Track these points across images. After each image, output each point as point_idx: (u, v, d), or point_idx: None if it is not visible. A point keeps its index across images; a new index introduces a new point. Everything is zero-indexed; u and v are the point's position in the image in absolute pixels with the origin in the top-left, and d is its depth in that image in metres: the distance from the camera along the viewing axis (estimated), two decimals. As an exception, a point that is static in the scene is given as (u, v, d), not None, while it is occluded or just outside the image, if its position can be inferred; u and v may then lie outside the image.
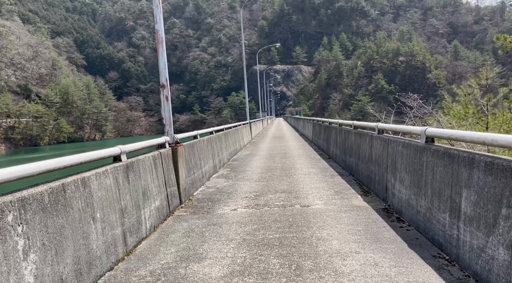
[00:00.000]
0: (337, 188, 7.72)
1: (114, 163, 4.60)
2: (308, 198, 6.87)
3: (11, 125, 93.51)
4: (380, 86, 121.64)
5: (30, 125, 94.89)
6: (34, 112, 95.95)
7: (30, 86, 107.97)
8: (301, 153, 15.06)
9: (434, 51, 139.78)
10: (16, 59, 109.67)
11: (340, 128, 11.07)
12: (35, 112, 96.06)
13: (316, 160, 12.41)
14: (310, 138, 21.42)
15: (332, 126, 12.87)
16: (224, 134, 13.31)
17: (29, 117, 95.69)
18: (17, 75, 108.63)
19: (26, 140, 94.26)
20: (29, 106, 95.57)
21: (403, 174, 5.19)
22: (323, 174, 9.52)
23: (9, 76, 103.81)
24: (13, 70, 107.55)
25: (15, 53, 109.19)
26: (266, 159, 13.55)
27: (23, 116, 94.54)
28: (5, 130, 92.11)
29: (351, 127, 9.44)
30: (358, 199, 6.64)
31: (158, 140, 6.45)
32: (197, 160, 8.70)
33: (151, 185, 5.51)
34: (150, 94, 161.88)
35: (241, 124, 19.85)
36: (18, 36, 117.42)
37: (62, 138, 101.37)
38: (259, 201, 6.84)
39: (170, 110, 7.06)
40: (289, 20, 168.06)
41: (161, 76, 6.94)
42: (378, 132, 6.87)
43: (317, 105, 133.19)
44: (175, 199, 6.66)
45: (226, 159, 12.99)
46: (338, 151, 11.16)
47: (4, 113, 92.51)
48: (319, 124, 17.18)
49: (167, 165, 6.46)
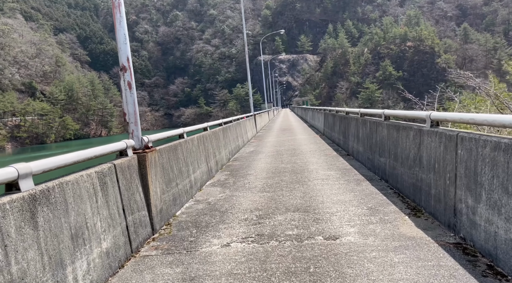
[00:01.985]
0: (370, 201, 5.67)
1: (2, 197, 2.61)
2: (333, 222, 4.84)
3: (17, 123, 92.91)
4: (388, 73, 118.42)
5: (35, 123, 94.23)
6: (39, 110, 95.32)
7: (34, 84, 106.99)
8: (313, 148, 12.99)
9: (443, 35, 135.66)
10: (20, 57, 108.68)
11: (363, 119, 8.95)
12: (40, 110, 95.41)
13: (332, 158, 10.34)
14: (321, 131, 19.30)
15: (350, 117, 10.76)
16: (223, 130, 11.27)
17: (35, 115, 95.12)
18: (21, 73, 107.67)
19: (32, 139, 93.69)
20: (34, 104, 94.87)
21: (498, 194, 3.14)
22: (346, 178, 7.47)
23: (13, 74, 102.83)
24: (17, 68, 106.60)
25: (18, 51, 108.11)
26: (272, 157, 11.51)
27: (29, 114, 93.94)
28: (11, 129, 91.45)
29: (381, 118, 7.34)
30: (407, 222, 4.59)
31: (114, 146, 4.43)
32: (183, 167, 6.70)
33: (92, 219, 3.53)
34: (155, 88, 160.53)
35: (244, 117, 17.77)
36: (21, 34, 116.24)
37: (68, 135, 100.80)
38: (263, 228, 4.83)
39: (135, 102, 5.04)
40: (293, 9, 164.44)
41: (120, 54, 4.92)
42: (432, 125, 4.78)
43: (324, 94, 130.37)
44: (143, 228, 4.67)
45: (225, 159, 10.97)
46: (361, 147, 9.07)
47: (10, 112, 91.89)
48: (332, 115, 15.04)
49: (128, 182, 4.46)
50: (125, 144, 4.65)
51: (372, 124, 8.00)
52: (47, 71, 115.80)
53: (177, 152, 6.52)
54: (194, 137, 7.87)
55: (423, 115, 5.01)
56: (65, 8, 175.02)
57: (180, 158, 6.63)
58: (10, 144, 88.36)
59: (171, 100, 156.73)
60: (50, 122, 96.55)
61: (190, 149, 7.37)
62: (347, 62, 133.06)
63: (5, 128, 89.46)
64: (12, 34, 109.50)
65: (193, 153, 7.53)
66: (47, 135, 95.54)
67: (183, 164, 6.73)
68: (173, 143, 6.52)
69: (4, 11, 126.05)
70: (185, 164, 6.88)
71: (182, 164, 6.67)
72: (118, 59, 4.89)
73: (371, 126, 8.04)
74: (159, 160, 5.48)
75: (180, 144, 6.79)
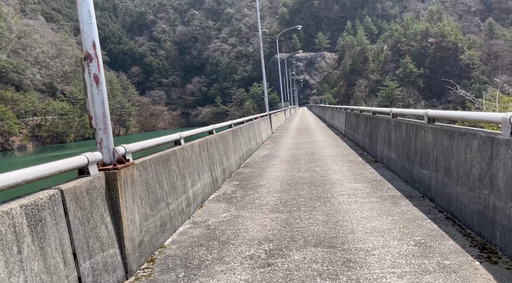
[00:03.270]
0: (417, 231, 4.28)
1: None
2: (370, 267, 3.48)
3: (38, 123, 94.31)
4: (408, 70, 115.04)
5: (56, 122, 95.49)
6: (59, 110, 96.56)
7: (55, 84, 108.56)
8: (334, 152, 11.58)
9: (467, 31, 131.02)
10: (41, 57, 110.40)
11: (397, 120, 7.52)
12: (60, 110, 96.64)
13: (358, 165, 8.93)
14: (342, 131, 17.81)
15: (379, 118, 9.30)
16: (232, 133, 9.99)
17: (55, 114, 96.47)
18: (42, 74, 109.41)
19: (52, 138, 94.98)
20: (55, 104, 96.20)
21: None
22: (378, 194, 6.08)
23: (34, 74, 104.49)
24: (38, 68, 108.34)
25: (39, 52, 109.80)
26: (288, 163, 10.17)
27: (49, 114, 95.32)
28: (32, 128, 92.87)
29: (423, 120, 5.92)
30: (480, 274, 3.18)
31: (66, 163, 3.19)
32: (178, 180, 5.45)
33: (9, 281, 2.30)
34: (172, 88, 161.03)
35: (258, 117, 16.45)
36: (42, 35, 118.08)
37: (87, 134, 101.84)
38: (273, 274, 3.50)
39: (104, 102, 3.81)
40: (311, 6, 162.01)
41: (83, 38, 3.69)
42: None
43: (342, 92, 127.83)
44: (111, 273, 3.43)
45: (235, 165, 9.69)
46: (394, 153, 7.64)
47: (31, 112, 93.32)
48: (355, 115, 13.56)
49: (87, 212, 3.23)
50: (86, 159, 3.41)
51: (409, 128, 6.57)
52: (67, 71, 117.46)
53: (170, 162, 5.27)
54: (194, 143, 6.61)
55: (497, 118, 3.61)
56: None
57: (174, 170, 5.38)
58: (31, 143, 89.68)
59: (188, 100, 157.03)
60: (69, 122, 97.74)
61: (188, 158, 6.12)
62: (366, 60, 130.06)
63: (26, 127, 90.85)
64: (33, 35, 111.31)
65: (192, 162, 6.27)
66: (66, 134, 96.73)
67: (178, 177, 5.48)
68: (164, 151, 5.28)
69: (26, 12, 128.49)
70: (181, 176, 5.63)
71: (176, 177, 5.42)
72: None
73: (409, 129, 6.61)
74: (140, 176, 4.24)
75: (175, 153, 5.53)
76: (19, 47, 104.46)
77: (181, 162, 5.72)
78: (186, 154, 6.04)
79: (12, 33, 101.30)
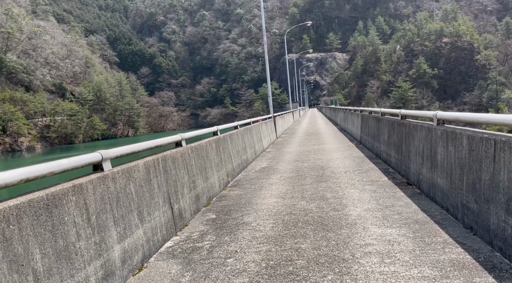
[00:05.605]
0: None
1: None
2: None
3: (47, 124, 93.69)
4: (422, 71, 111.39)
5: (64, 123, 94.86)
6: (68, 111, 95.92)
7: (64, 84, 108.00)
8: (350, 166, 9.14)
9: (483, 30, 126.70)
10: (51, 58, 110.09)
11: (447, 130, 5.06)
12: (69, 111, 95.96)
13: (384, 189, 6.48)
14: (357, 138, 15.29)
15: (412, 124, 6.84)
16: (216, 142, 7.60)
17: (64, 115, 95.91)
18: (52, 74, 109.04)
19: (61, 139, 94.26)
20: (64, 105, 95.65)
21: None
22: (432, 256, 3.65)
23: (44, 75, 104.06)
24: (48, 69, 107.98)
25: (49, 53, 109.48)
26: (289, 183, 7.76)
27: (58, 114, 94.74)
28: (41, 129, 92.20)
29: (500, 134, 3.48)
30: None
31: None
32: (85, 235, 3.12)
33: None
34: (182, 88, 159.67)
35: (259, 120, 14.02)
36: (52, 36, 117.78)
37: (96, 135, 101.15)
38: None
39: None
40: (322, 6, 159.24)
41: None
42: None
43: (353, 93, 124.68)
44: None
45: (218, 185, 7.31)
46: (444, 180, 5.17)
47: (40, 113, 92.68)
48: (375, 118, 11.06)
49: None
50: None
51: (476, 144, 4.12)
52: (77, 72, 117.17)
53: (64, 211, 2.93)
54: (138, 164, 4.22)
55: None
56: (96, 10, 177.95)
57: (73, 222, 3.05)
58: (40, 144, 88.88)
59: (197, 101, 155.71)
60: (78, 123, 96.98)
61: (117, 192, 3.77)
62: (378, 60, 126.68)
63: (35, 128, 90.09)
64: (44, 36, 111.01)
65: (126, 197, 3.91)
66: (75, 135, 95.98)
67: (84, 229, 3.14)
68: (52, 189, 2.94)
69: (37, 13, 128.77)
70: (96, 226, 3.29)
71: (83, 229, 3.09)
72: None
73: (476, 146, 4.16)
74: None
75: (81, 188, 3.19)
76: (30, 48, 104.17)
77: (99, 203, 3.37)
78: (112, 187, 3.68)
79: (22, 34, 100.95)
